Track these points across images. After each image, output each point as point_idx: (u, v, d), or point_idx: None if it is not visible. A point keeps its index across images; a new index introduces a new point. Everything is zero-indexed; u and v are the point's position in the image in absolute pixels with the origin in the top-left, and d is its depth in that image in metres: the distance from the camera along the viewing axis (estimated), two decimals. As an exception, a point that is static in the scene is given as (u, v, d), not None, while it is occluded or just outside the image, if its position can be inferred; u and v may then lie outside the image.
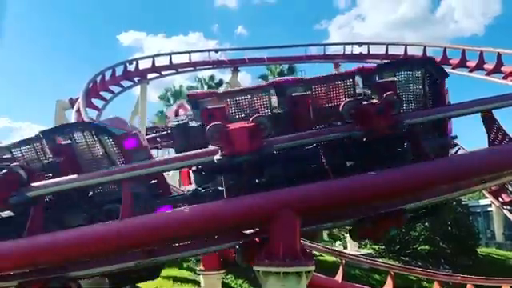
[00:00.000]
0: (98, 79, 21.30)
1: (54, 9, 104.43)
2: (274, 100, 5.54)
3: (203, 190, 5.68)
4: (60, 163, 5.52)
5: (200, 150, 5.28)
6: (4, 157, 5.67)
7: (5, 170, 5.18)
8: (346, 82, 5.55)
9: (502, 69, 18.79)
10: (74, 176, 5.35)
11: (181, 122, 5.72)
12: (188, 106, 6.18)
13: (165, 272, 17.51)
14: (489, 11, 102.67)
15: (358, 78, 5.64)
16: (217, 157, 5.01)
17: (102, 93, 21.61)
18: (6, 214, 5.63)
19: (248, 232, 5.59)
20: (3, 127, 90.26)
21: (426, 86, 5.75)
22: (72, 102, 19.53)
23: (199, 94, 5.63)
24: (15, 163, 5.45)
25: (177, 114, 7.08)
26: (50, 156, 5.61)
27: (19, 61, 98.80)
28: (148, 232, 4.98)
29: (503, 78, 18.70)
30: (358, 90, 5.62)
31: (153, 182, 5.79)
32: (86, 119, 15.19)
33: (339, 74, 5.95)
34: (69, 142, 5.55)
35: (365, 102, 5.36)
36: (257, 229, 5.51)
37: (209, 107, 5.29)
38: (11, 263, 5.04)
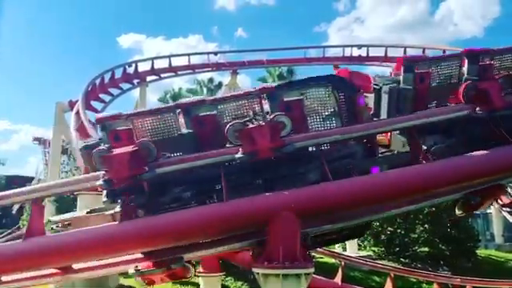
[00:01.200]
0: (98, 82, 21.37)
1: (53, 11, 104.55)
2: (465, 68, 6.10)
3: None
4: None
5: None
6: (209, 113, 5.44)
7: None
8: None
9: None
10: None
11: (392, 86, 6.00)
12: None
13: (164, 274, 17.52)
14: (488, 13, 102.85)
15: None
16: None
17: (101, 95, 21.69)
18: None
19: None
20: (3, 130, 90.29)
21: None
22: (71, 105, 19.53)
23: (415, 57, 6.27)
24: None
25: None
26: (267, 112, 5.39)
27: (18, 63, 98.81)
28: (146, 233, 4.99)
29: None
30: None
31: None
32: (85, 122, 15.21)
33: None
34: (300, 97, 5.47)
35: None
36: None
37: (420, 71, 5.86)
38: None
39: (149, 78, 26.50)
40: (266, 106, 5.44)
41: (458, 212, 6.34)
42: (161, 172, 5.03)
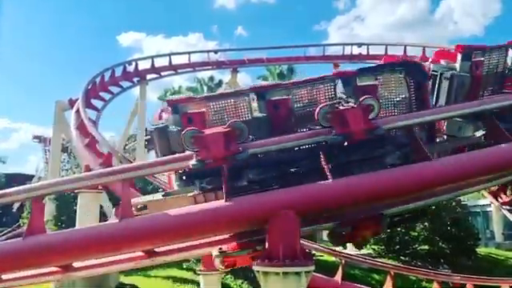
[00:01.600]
0: (98, 80, 21.31)
1: (53, 10, 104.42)
2: (509, 59, 6.59)
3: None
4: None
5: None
6: (283, 97, 5.53)
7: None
8: None
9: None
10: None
11: (453, 72, 6.26)
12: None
13: (165, 272, 17.55)
14: (489, 12, 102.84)
15: None
16: None
17: (101, 93, 21.62)
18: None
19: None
20: (3, 128, 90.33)
21: None
22: (71, 103, 19.51)
23: (473, 46, 6.52)
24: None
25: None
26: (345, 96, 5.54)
27: (18, 61, 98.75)
28: (146, 231, 4.98)
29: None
30: None
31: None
32: (85, 120, 15.19)
33: None
34: (374, 83, 5.62)
35: None
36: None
37: (476, 59, 6.21)
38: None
39: (149, 76, 26.46)
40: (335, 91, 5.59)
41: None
42: (254, 152, 5.08)
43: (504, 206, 19.54)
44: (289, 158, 5.47)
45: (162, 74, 27.04)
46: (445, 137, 6.55)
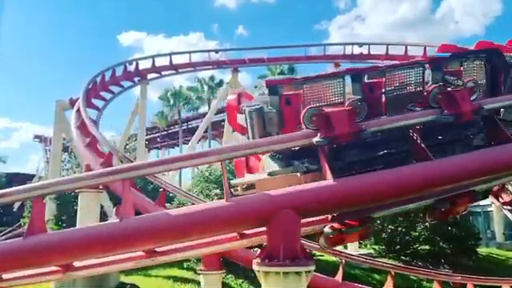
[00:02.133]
0: (98, 79, 21.31)
1: (53, 10, 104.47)
2: None
3: None
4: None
5: None
6: (378, 80, 5.67)
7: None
8: None
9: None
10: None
11: None
12: None
13: (165, 272, 17.55)
14: (489, 11, 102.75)
15: None
16: None
17: (102, 93, 21.61)
18: None
19: None
20: (3, 128, 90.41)
21: None
22: (72, 103, 19.50)
23: None
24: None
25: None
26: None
27: (18, 61, 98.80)
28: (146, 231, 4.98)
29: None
30: None
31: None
32: (86, 120, 15.20)
33: None
34: (459, 68, 5.91)
35: None
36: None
37: None
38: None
39: (150, 76, 26.48)
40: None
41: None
42: (374, 131, 5.21)
43: (505, 206, 19.56)
44: (386, 140, 5.64)
45: (163, 73, 27.06)
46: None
